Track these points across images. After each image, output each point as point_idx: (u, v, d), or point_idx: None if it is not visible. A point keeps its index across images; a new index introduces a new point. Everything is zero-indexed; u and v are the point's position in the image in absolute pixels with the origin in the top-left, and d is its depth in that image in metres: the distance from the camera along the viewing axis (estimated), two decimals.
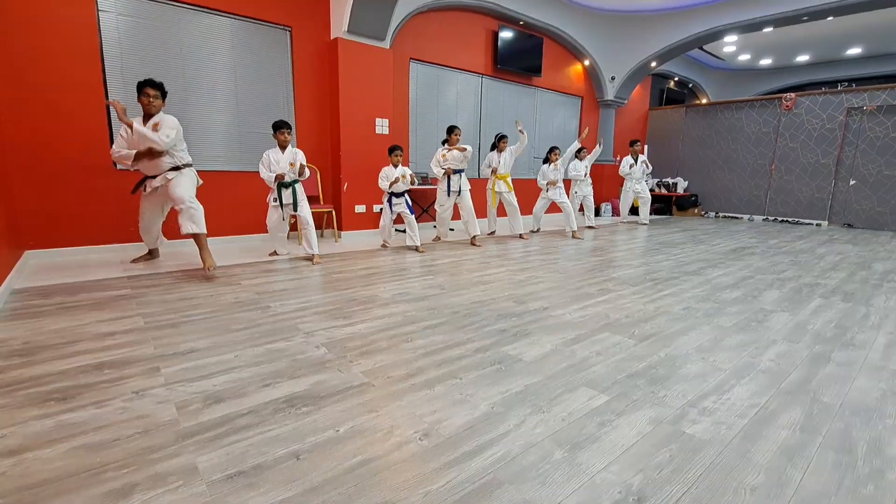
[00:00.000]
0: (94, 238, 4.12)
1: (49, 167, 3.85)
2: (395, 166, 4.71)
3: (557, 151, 6.21)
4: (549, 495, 1.20)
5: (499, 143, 5.67)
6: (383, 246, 5.06)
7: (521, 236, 6.00)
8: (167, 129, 3.27)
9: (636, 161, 7.59)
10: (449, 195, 5.18)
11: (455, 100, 6.74)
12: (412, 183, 4.88)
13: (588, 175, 7.01)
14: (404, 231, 5.01)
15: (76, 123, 3.92)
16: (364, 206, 5.58)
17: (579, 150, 6.86)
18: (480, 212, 6.31)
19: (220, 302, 2.82)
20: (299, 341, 2.21)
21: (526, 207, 7.25)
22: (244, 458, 1.31)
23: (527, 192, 7.57)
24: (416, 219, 6.31)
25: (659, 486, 1.24)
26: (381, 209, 5.70)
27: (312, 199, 5.32)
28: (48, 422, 1.47)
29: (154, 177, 3.46)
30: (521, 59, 7.21)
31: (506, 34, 6.87)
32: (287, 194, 4.07)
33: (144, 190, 3.56)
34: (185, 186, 3.45)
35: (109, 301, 2.78)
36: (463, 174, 5.17)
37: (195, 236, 3.43)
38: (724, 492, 1.23)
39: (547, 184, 6.24)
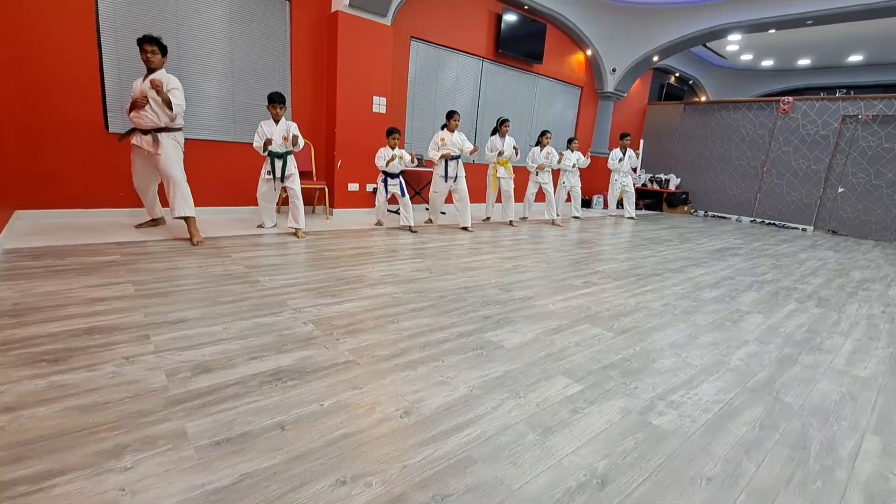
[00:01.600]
0: (85, 201, 4.08)
1: (41, 126, 3.79)
2: (392, 149, 4.72)
3: (549, 135, 6.24)
4: (519, 474, 1.28)
5: (501, 126, 5.66)
6: (377, 224, 5.10)
7: (510, 223, 6.06)
8: (179, 96, 3.36)
9: (625, 154, 7.62)
10: (446, 181, 5.19)
11: (454, 82, 6.69)
12: (412, 162, 4.90)
13: (577, 166, 7.07)
14: (398, 212, 5.04)
15: (69, 83, 3.85)
16: (357, 185, 5.58)
17: (570, 140, 6.92)
18: (473, 196, 6.33)
19: (209, 273, 2.85)
20: (287, 317, 2.26)
21: (518, 194, 7.28)
22: (231, 426, 1.37)
23: (518, 179, 7.59)
24: (410, 200, 6.34)
25: (622, 471, 1.33)
26: (375, 189, 5.71)
27: (305, 175, 5.31)
28: (41, 382, 1.51)
29: (145, 132, 3.44)
30: (523, 44, 7.15)
31: (509, 17, 6.79)
32: (279, 165, 4.08)
33: (132, 140, 3.54)
34: (175, 163, 3.47)
35: (99, 266, 2.80)
36: (459, 160, 5.18)
37: (185, 217, 3.52)
38: (681, 480, 1.32)
39: (537, 167, 6.30)
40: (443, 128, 5.22)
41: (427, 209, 5.91)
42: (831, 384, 2.04)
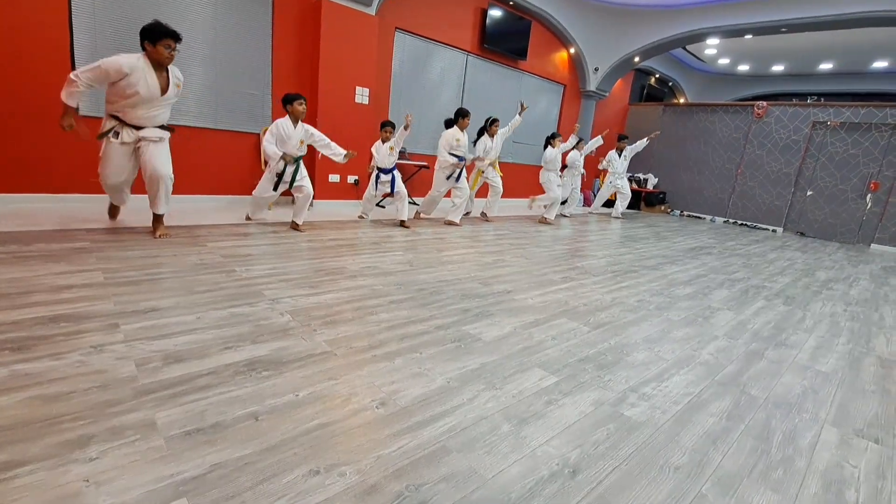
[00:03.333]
0: (54, 186, 3.93)
1: (8, 110, 3.63)
2: (384, 142, 4.66)
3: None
4: (493, 463, 1.29)
5: (490, 126, 5.48)
6: (360, 217, 5.03)
7: (484, 214, 6.06)
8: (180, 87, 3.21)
9: (620, 156, 7.70)
10: (448, 179, 5.15)
11: (440, 75, 6.66)
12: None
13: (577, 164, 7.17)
14: (383, 207, 4.99)
15: (39, 67, 3.69)
16: (338, 176, 5.52)
17: (554, 136, 6.96)
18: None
19: (183, 262, 2.78)
20: (264, 307, 2.22)
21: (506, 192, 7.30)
22: (203, 417, 1.35)
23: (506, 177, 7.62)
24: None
25: (594, 460, 1.36)
26: (356, 181, 5.66)
27: None
28: (2, 371, 1.45)
29: (138, 128, 3.14)
30: (508, 40, 7.16)
31: (495, 13, 6.79)
32: (289, 172, 3.90)
33: (115, 137, 3.11)
34: (168, 160, 3.24)
35: (68, 253, 2.70)
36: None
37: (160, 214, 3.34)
38: (650, 469, 1.35)
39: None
40: (449, 124, 5.10)
41: (411, 202, 5.86)
42: (795, 378, 2.12)
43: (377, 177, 4.77)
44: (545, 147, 6.45)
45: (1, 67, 3.56)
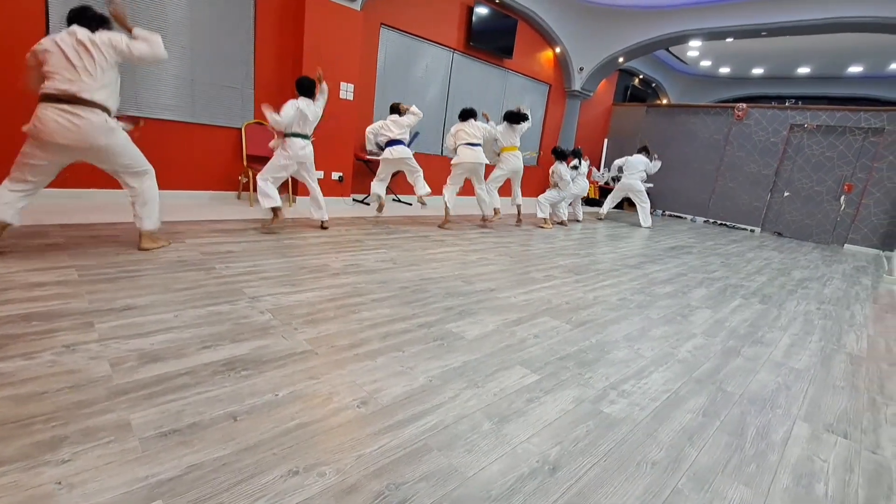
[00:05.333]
0: None
1: None
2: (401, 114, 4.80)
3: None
4: (474, 461, 1.30)
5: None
6: (380, 209, 5.16)
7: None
8: None
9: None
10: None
11: (425, 72, 6.63)
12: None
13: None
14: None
15: (11, 55, 3.57)
16: (322, 173, 5.46)
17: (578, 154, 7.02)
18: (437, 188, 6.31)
19: (161, 260, 2.73)
20: (244, 305, 2.19)
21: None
22: (180, 417, 1.32)
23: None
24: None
25: (573, 457, 1.37)
26: (341, 177, 5.62)
27: (268, 160, 5.16)
28: None
29: (70, 102, 2.42)
30: (494, 38, 7.16)
31: (481, 10, 6.79)
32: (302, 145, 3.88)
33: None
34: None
35: (41, 250, 2.63)
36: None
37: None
38: (628, 464, 1.37)
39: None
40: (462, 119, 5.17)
41: (395, 200, 5.84)
42: (769, 375, 2.17)
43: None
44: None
45: None
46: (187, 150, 4.64)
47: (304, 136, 3.85)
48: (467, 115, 5.09)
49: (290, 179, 5.21)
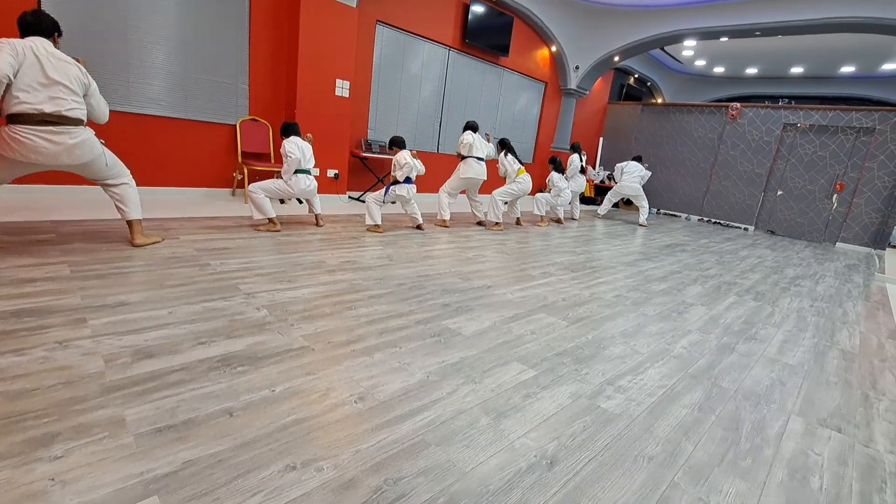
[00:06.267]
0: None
1: None
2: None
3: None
4: (471, 456, 1.29)
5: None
6: (378, 229, 4.41)
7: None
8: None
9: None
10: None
11: (420, 70, 6.61)
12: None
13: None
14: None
15: None
16: (317, 170, 5.44)
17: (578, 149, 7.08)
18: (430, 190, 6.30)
19: (154, 256, 2.70)
20: (239, 301, 2.18)
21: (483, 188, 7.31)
22: (174, 413, 1.31)
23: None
24: (372, 188, 6.24)
25: (570, 452, 1.37)
26: (337, 175, 5.60)
27: (262, 157, 5.13)
28: None
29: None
30: (490, 36, 7.15)
31: (477, 8, 6.77)
32: (307, 183, 3.94)
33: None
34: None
35: (31, 245, 2.59)
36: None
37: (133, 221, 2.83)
38: (625, 459, 1.38)
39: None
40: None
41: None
42: (763, 370, 2.19)
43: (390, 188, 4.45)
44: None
45: None
46: (180, 146, 4.60)
47: (307, 172, 3.89)
48: (476, 128, 5.13)
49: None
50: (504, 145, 5.50)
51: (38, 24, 2.31)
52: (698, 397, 1.83)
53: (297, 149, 3.77)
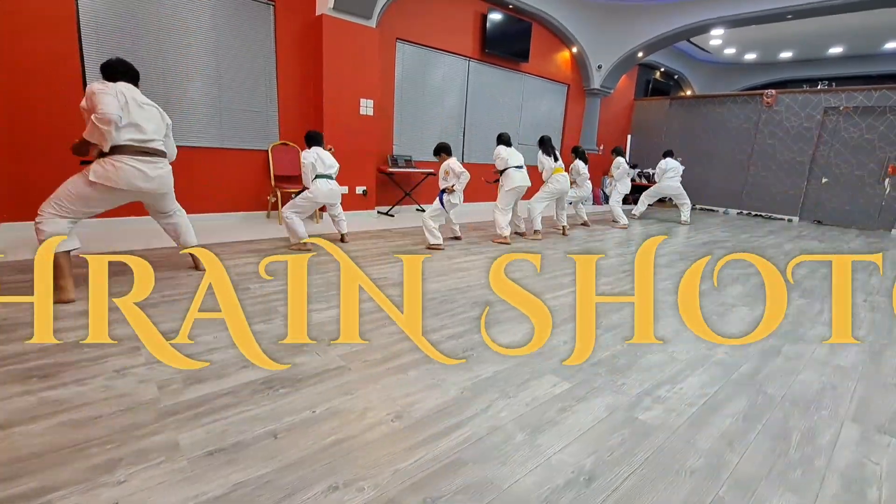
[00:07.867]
0: None
1: (24, 138, 3.75)
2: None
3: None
4: (508, 474, 1.30)
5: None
6: (439, 247, 4.35)
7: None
8: None
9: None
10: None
11: (441, 82, 6.70)
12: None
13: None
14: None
15: (52, 93, 3.82)
16: (346, 188, 5.58)
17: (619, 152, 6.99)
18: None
19: (197, 283, 2.84)
20: (278, 324, 2.27)
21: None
22: (224, 437, 1.38)
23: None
24: (400, 202, 6.35)
25: (609, 467, 1.36)
26: (365, 191, 5.72)
27: (294, 179, 5.31)
28: (31, 398, 1.51)
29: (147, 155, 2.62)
30: (509, 43, 7.18)
31: (494, 17, 6.82)
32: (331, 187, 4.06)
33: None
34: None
35: (86, 278, 2.77)
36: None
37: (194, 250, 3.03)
38: (666, 473, 1.35)
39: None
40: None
41: (419, 209, 5.88)
42: (812, 375, 2.09)
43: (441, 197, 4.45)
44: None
45: (14, 96, 3.68)
46: (217, 173, 4.84)
47: (329, 177, 4.00)
48: (509, 141, 4.94)
49: None
50: (540, 143, 5.37)
51: (127, 71, 2.64)
52: (742, 405, 1.77)
53: (313, 156, 3.90)
